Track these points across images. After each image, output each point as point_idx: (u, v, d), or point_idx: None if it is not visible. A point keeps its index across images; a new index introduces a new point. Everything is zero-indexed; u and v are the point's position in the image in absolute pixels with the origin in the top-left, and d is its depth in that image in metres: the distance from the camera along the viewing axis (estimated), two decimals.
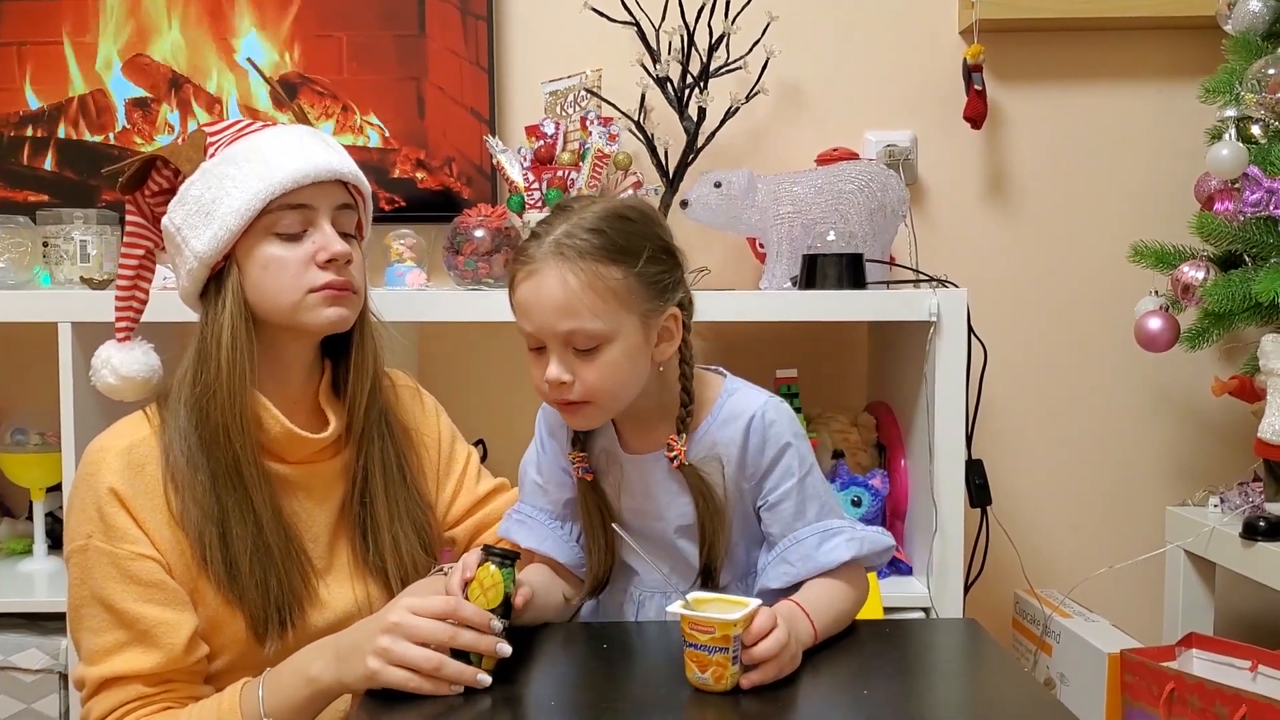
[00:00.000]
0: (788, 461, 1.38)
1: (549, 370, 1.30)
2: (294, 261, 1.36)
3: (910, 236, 2.28)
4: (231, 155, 1.36)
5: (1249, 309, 1.96)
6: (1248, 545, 1.93)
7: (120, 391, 1.45)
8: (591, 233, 1.28)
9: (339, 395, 1.48)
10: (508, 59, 2.38)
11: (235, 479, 1.36)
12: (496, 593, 1.25)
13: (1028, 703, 1.22)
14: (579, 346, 1.29)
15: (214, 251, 1.34)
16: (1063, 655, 2.11)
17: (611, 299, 1.28)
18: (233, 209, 1.33)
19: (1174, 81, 2.39)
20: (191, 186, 1.36)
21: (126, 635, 1.33)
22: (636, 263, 1.29)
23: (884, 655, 1.36)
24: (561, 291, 1.26)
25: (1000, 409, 2.40)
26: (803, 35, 2.34)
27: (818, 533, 1.38)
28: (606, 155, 2.07)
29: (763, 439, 1.37)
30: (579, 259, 1.27)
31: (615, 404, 1.34)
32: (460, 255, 2.06)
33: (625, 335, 1.29)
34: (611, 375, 1.30)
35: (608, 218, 1.30)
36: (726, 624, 1.17)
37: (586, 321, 1.27)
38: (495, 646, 1.20)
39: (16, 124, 2.31)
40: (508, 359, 2.39)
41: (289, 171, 1.34)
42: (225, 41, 2.30)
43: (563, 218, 1.31)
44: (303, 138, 1.39)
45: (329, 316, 1.38)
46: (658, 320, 1.32)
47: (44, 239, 2.06)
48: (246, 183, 1.34)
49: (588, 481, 1.42)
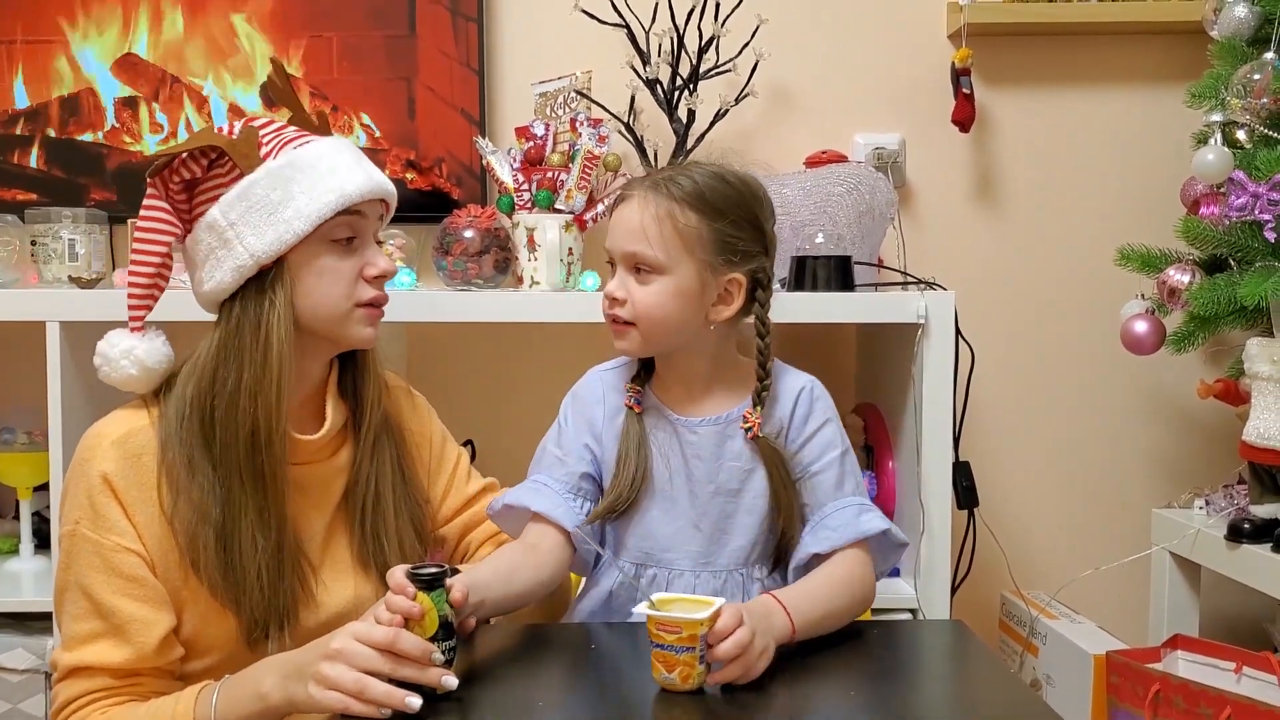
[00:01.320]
0: (831, 433, 1.50)
1: (610, 284, 1.44)
2: (347, 273, 1.40)
3: (898, 239, 2.29)
4: (297, 161, 1.37)
5: (1234, 312, 1.97)
6: (1232, 547, 1.94)
7: (138, 384, 1.41)
8: (686, 179, 1.41)
9: (342, 395, 1.49)
10: (498, 60, 2.38)
11: (262, 483, 1.36)
12: (431, 619, 1.21)
13: (1014, 704, 1.23)
14: (640, 268, 1.41)
15: (273, 252, 1.35)
16: (1049, 656, 2.12)
17: (675, 238, 1.40)
18: (301, 213, 1.34)
19: (1160, 86, 2.40)
20: (256, 185, 1.35)
21: (102, 626, 1.33)
22: (715, 219, 1.41)
23: (871, 656, 1.37)
24: (637, 218, 1.41)
25: (987, 411, 2.42)
26: (792, 38, 2.35)
27: (856, 504, 1.47)
28: (596, 156, 2.08)
29: (809, 410, 1.49)
30: (665, 196, 1.41)
31: (657, 335, 1.44)
32: (450, 256, 2.06)
33: (679, 274, 1.41)
34: (658, 305, 1.41)
35: (709, 175, 1.43)
36: (693, 623, 1.18)
37: (648, 249, 1.40)
38: (439, 680, 1.19)
39: (5, 122, 2.30)
40: (497, 360, 2.40)
41: (358, 184, 1.38)
42: (215, 41, 2.30)
43: (681, 166, 1.45)
44: (355, 151, 1.44)
45: (367, 335, 1.44)
46: (719, 278, 1.43)
47: (32, 238, 2.06)
48: (316, 190, 1.35)
49: (636, 413, 1.49)
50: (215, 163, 1.38)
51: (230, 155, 1.36)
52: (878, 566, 1.49)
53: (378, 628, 1.20)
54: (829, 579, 1.41)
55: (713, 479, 1.47)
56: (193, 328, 1.45)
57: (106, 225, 2.15)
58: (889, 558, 1.51)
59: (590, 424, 1.51)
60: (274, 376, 1.35)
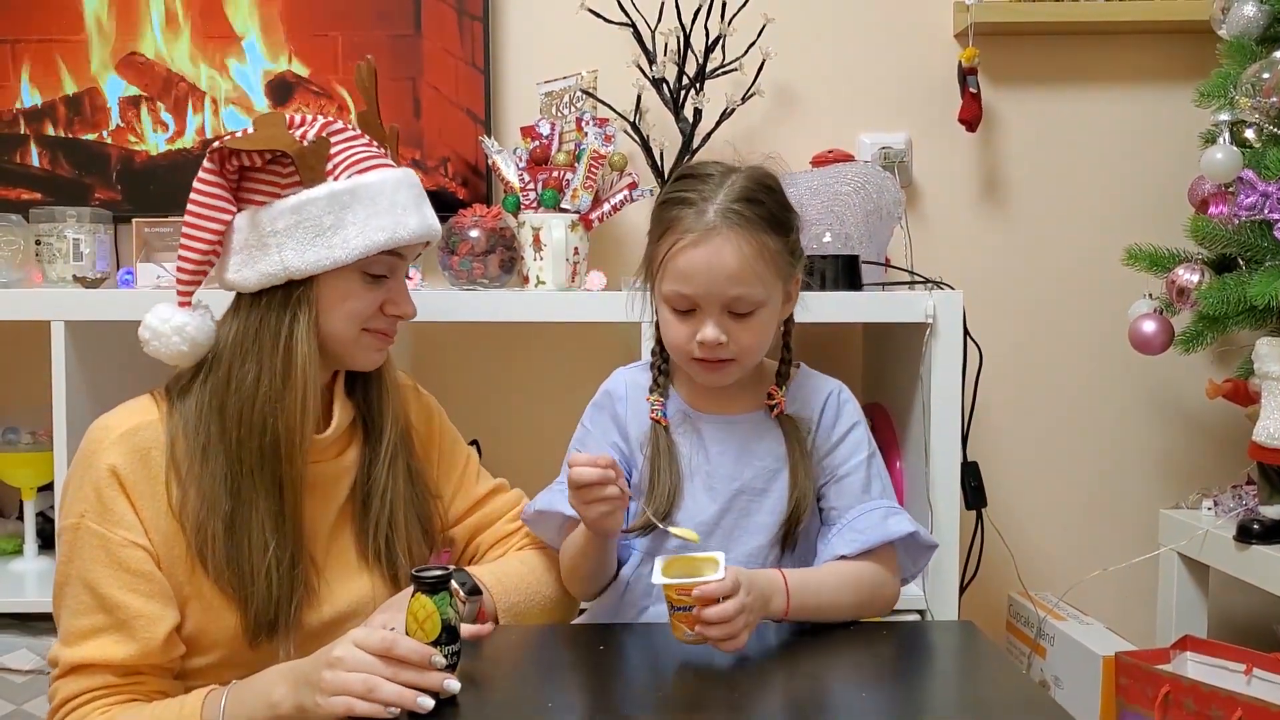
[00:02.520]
0: (859, 436, 1.49)
1: (706, 332, 1.37)
2: (369, 304, 1.41)
3: (905, 238, 2.28)
4: (359, 190, 1.36)
5: (1243, 312, 1.96)
6: (1241, 548, 1.93)
7: (184, 359, 1.39)
8: (752, 203, 1.37)
9: (350, 394, 1.49)
10: (503, 60, 2.37)
11: (276, 484, 1.36)
12: (433, 623, 1.20)
13: (1025, 703, 1.22)
14: (738, 311, 1.37)
15: (308, 272, 1.35)
16: (1057, 658, 2.11)
17: (772, 268, 1.38)
18: (348, 244, 1.35)
19: (1168, 85, 2.39)
20: (313, 204, 1.35)
21: (105, 621, 1.32)
22: (789, 233, 1.40)
23: (881, 656, 1.36)
24: (736, 260, 1.35)
25: (995, 411, 2.41)
26: (798, 38, 2.34)
27: (884, 507, 1.46)
28: (602, 156, 2.07)
29: (837, 413, 1.49)
30: (750, 229, 1.35)
31: (754, 362, 1.44)
32: (455, 255, 2.05)
33: (774, 300, 1.41)
34: (761, 336, 1.41)
35: (760, 188, 1.39)
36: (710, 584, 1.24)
37: (754, 288, 1.37)
38: (441, 683, 1.17)
39: (10, 121, 2.30)
40: (502, 359, 2.39)
41: (410, 229, 1.39)
42: (221, 40, 2.30)
43: (712, 185, 1.38)
44: (417, 190, 1.43)
45: (374, 359, 1.46)
46: (792, 285, 1.45)
47: (36, 237, 2.06)
48: (368, 227, 1.36)
49: (663, 425, 1.47)
50: (278, 159, 1.36)
51: (296, 165, 1.35)
52: (908, 569, 1.49)
53: (376, 633, 1.20)
54: (840, 574, 1.42)
55: (737, 477, 1.46)
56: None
57: (111, 225, 2.15)
58: (919, 559, 1.51)
59: (617, 422, 1.51)
60: (298, 394, 1.35)
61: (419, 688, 1.17)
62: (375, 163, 1.40)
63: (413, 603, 1.21)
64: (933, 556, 1.54)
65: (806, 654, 1.30)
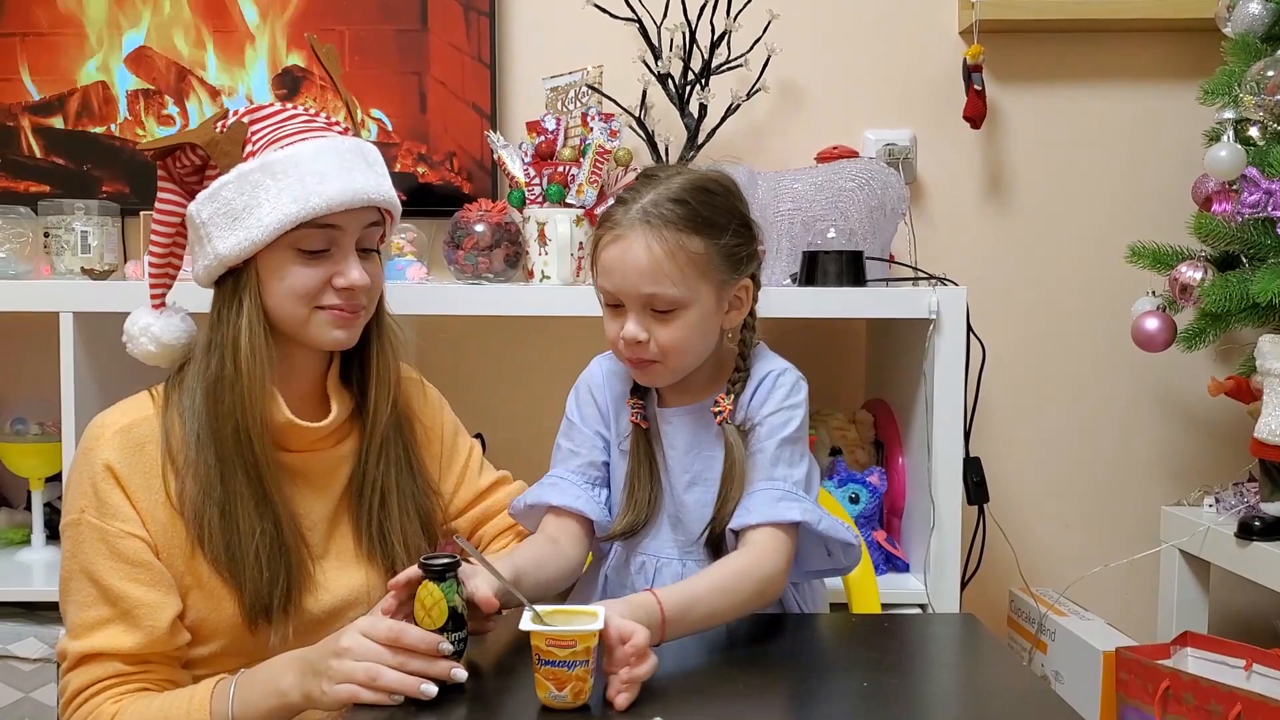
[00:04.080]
0: (782, 420, 1.43)
1: (626, 329, 1.38)
2: (312, 279, 1.36)
3: (909, 235, 2.29)
4: (269, 165, 1.33)
5: (1246, 309, 1.97)
6: (1243, 545, 1.94)
7: (158, 359, 1.44)
8: (677, 203, 1.36)
9: (347, 384, 1.48)
10: (510, 54, 2.38)
11: (249, 469, 1.36)
12: (440, 610, 1.20)
13: (1027, 695, 1.23)
14: (657, 309, 1.36)
15: (235, 257, 1.34)
16: (1057, 653, 2.12)
17: (691, 269, 1.35)
18: (262, 223, 1.32)
19: (1172, 83, 2.40)
20: (225, 187, 1.34)
21: (110, 612, 1.33)
22: (718, 235, 1.37)
23: (884, 649, 1.37)
24: (646, 258, 1.34)
25: (997, 407, 2.41)
26: (804, 34, 2.35)
27: (780, 490, 1.40)
28: (607, 151, 2.08)
29: (768, 393, 1.44)
30: (664, 228, 1.35)
31: (684, 365, 1.41)
32: (460, 250, 2.06)
33: (700, 302, 1.37)
34: (684, 338, 1.38)
35: (693, 190, 1.37)
36: (588, 635, 1.13)
37: (666, 288, 1.35)
38: (448, 672, 1.18)
39: (18, 114, 2.31)
40: (507, 354, 2.40)
41: (326, 197, 1.33)
42: (229, 35, 2.31)
43: (649, 186, 1.38)
44: (344, 156, 1.37)
45: (335, 338, 1.40)
46: (731, 290, 1.41)
47: (45, 229, 2.07)
48: (280, 200, 1.32)
49: (641, 429, 1.47)
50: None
51: (209, 153, 1.35)
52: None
53: (384, 621, 1.21)
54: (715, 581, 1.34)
55: (688, 469, 1.46)
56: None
57: (119, 217, 2.16)
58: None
59: (599, 410, 1.51)
60: (244, 379, 1.35)
61: (426, 676, 1.18)
62: (299, 137, 1.36)
63: (420, 590, 1.22)
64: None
65: (808, 645, 1.31)
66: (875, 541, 2.05)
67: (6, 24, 2.30)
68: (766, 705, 1.20)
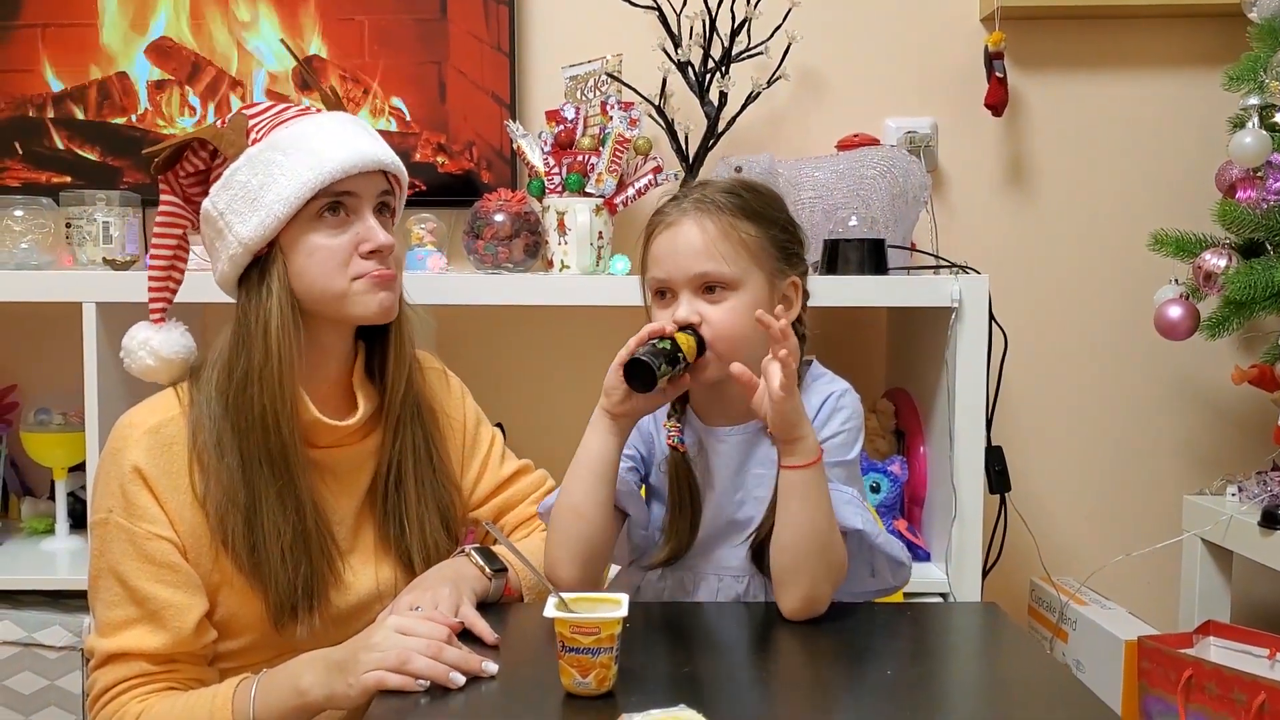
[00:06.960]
0: (842, 441, 1.42)
1: (679, 310, 1.37)
2: (339, 249, 1.37)
3: (931, 223, 2.28)
4: (278, 142, 1.36)
5: (1270, 297, 1.95)
6: (1266, 534, 1.93)
7: (157, 374, 1.44)
8: (729, 194, 1.40)
9: (372, 378, 1.49)
10: (529, 43, 2.38)
11: (278, 465, 1.36)
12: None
13: (1051, 683, 1.23)
14: (709, 288, 1.37)
15: (260, 238, 1.35)
16: (1079, 642, 2.12)
17: (743, 249, 1.37)
18: (281, 196, 1.33)
19: (1196, 69, 2.38)
20: (237, 172, 1.36)
21: (137, 612, 1.34)
22: (769, 226, 1.40)
23: (907, 637, 1.37)
24: (699, 236, 1.37)
25: (1019, 396, 2.41)
26: (824, 21, 2.34)
27: (847, 495, 1.39)
28: (627, 140, 2.07)
29: (829, 415, 1.43)
30: (717, 211, 1.38)
31: (733, 354, 1.36)
32: (480, 240, 2.06)
33: (751, 287, 1.38)
34: (735, 322, 1.36)
35: (743, 186, 1.43)
36: (611, 622, 1.13)
37: (720, 264, 1.36)
38: (480, 665, 1.20)
39: (39, 105, 2.32)
40: (526, 344, 2.40)
41: (338, 161, 1.35)
42: (247, 25, 2.31)
43: (698, 186, 1.42)
44: (346, 125, 1.41)
45: (380, 302, 1.40)
46: (782, 283, 1.42)
47: (67, 220, 2.08)
48: (295, 171, 1.34)
49: (680, 453, 1.44)
50: (217, 151, 1.38)
51: (217, 146, 1.37)
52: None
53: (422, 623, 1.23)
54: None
55: (740, 486, 1.44)
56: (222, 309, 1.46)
57: (140, 208, 2.16)
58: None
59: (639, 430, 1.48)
60: (275, 362, 1.35)
61: (461, 667, 1.19)
62: (299, 117, 1.39)
63: None
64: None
65: (831, 633, 1.31)
66: (896, 530, 2.05)
67: (27, 15, 2.31)
68: (791, 694, 1.20)
